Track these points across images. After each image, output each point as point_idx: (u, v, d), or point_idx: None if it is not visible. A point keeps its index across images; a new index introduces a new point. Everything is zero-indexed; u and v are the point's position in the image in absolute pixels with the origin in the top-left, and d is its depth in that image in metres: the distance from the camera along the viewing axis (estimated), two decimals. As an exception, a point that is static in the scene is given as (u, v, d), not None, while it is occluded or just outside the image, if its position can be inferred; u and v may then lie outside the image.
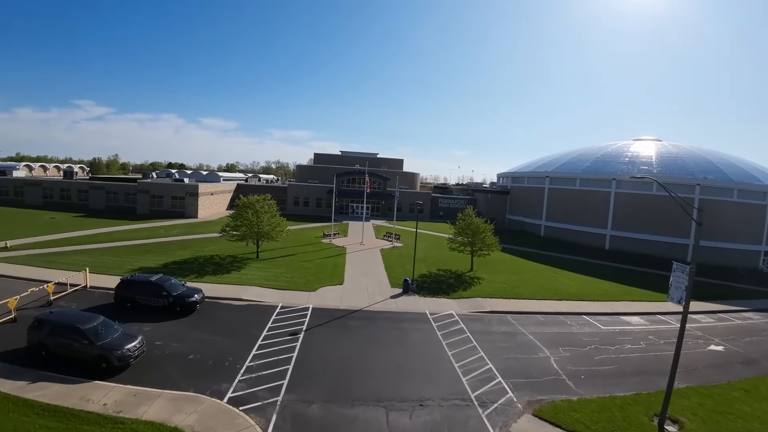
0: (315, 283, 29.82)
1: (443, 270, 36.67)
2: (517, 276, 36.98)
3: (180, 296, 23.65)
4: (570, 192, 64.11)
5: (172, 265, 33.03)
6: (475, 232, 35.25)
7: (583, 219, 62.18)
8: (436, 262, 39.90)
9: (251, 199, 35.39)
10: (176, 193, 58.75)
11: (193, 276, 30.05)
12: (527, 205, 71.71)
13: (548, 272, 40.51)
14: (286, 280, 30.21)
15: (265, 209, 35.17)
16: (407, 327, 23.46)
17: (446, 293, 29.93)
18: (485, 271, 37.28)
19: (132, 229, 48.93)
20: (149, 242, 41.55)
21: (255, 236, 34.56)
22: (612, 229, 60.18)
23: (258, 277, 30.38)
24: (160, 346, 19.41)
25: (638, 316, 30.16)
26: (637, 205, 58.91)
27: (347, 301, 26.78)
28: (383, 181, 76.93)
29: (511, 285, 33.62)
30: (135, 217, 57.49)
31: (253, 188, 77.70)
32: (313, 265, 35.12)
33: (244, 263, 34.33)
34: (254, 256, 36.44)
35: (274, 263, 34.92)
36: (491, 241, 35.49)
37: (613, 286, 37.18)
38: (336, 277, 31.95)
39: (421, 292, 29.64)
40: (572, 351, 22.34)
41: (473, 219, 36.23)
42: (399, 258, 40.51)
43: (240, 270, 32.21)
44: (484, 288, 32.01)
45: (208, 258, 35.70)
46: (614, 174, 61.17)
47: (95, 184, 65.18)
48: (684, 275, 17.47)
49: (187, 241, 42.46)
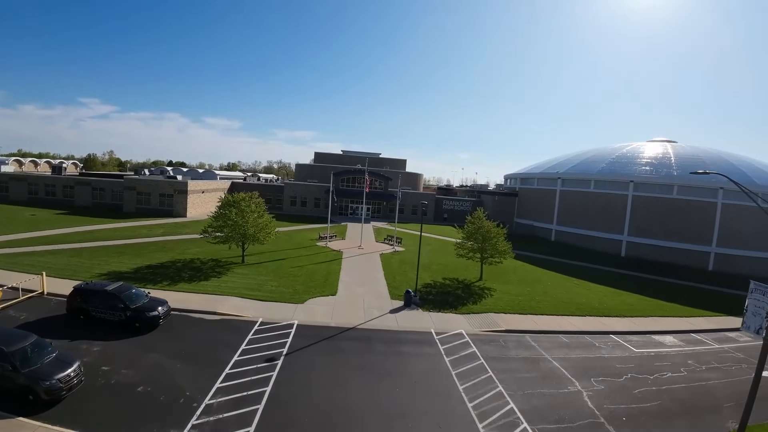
0: (304, 294, 26.05)
1: (450, 279, 32.85)
2: (531, 287, 33.13)
3: (140, 309, 19.98)
4: (584, 194, 60.18)
5: (146, 269, 29.42)
6: (485, 237, 31.39)
7: (598, 223, 58.27)
8: (441, 269, 36.10)
9: (236, 197, 31.67)
10: (164, 190, 55.15)
11: (166, 283, 26.41)
12: (537, 208, 67.79)
13: (565, 282, 36.69)
14: (271, 289, 26.46)
15: (252, 208, 31.41)
16: (409, 351, 19.62)
17: (454, 307, 26.12)
18: (496, 281, 33.45)
19: (113, 228, 45.36)
20: (127, 243, 37.94)
21: (240, 238, 30.83)
22: (629, 235, 56.26)
23: (239, 286, 26.66)
24: (105, 373, 15.75)
25: (671, 336, 26.48)
26: (657, 209, 55.01)
27: (339, 316, 22.99)
28: (385, 181, 73.17)
29: (526, 297, 29.79)
30: (121, 215, 53.96)
31: (249, 186, 74.04)
32: (304, 271, 31.34)
33: (227, 268, 30.62)
34: (239, 260, 32.72)
35: (260, 269, 31.17)
36: (504, 247, 31.62)
37: (637, 299, 33.45)
38: (328, 286, 28.17)
39: (426, 305, 25.84)
40: (606, 383, 18.56)
41: (484, 222, 32.39)
42: (400, 264, 36.72)
43: (220, 276, 28.50)
44: (497, 301, 28.18)
45: (187, 262, 32.02)
46: (632, 176, 57.27)
47: (81, 179, 61.75)
48: (766, 298, 13.61)
49: (168, 243, 38.82)
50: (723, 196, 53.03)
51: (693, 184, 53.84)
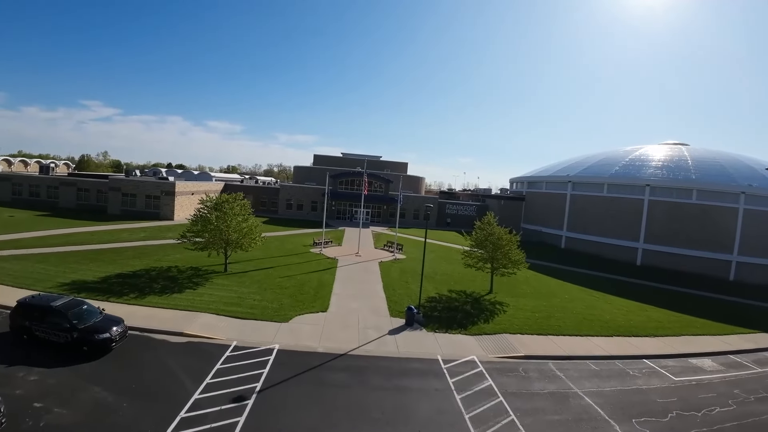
0: (290, 310, 22.62)
1: (456, 292, 29.41)
2: (548, 301, 29.70)
3: (89, 330, 16.70)
4: (596, 199, 56.78)
5: (115, 278, 26.13)
6: (496, 246, 27.98)
7: (611, 230, 54.85)
8: (446, 280, 32.67)
9: (218, 198, 28.34)
10: (151, 191, 51.86)
11: (133, 295, 23.09)
12: (546, 214, 64.35)
13: (582, 295, 33.28)
14: (252, 304, 23.03)
15: (236, 211, 28.06)
16: (412, 387, 16.13)
17: (463, 326, 22.66)
18: (508, 294, 30.04)
19: (92, 231, 42.14)
20: (103, 248, 34.67)
21: (222, 245, 27.49)
22: (645, 242, 52.83)
23: (217, 299, 23.27)
24: (36, 411, 12.48)
25: (709, 359, 23.34)
26: (675, 215, 51.67)
27: (329, 338, 19.55)
28: (385, 184, 69.87)
29: (543, 314, 26.37)
30: (105, 218, 50.74)
31: (243, 188, 70.83)
32: (292, 282, 27.91)
33: (206, 278, 27.25)
34: (222, 268, 29.35)
35: (243, 279, 27.77)
36: (517, 256, 28.20)
37: (663, 314, 30.18)
38: (319, 300, 24.73)
39: (430, 324, 22.39)
40: (650, 424, 15.25)
41: (494, 228, 29.01)
42: (401, 274, 33.30)
43: (197, 288, 25.13)
44: (511, 319, 24.75)
45: (163, 270, 28.71)
46: (648, 179, 53.95)
47: (66, 180, 58.64)
48: None
49: (148, 248, 35.51)
50: (745, 201, 49.76)
51: (713, 189, 50.58)
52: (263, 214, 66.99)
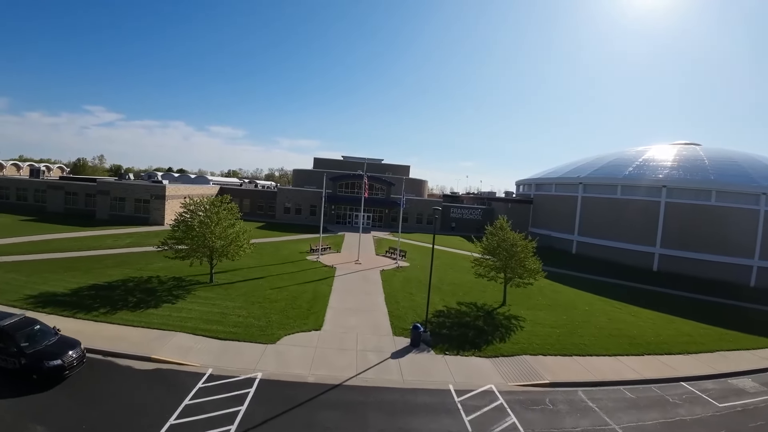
0: (279, 328, 19.87)
1: (466, 304, 26.63)
2: (567, 313, 26.91)
3: (38, 355, 14.13)
4: (609, 201, 54.00)
5: (87, 290, 23.55)
6: (510, 253, 25.22)
7: (625, 234, 52.04)
8: (454, 290, 29.89)
9: (202, 201, 25.69)
10: (140, 195, 49.31)
11: (104, 310, 20.47)
12: (555, 217, 61.56)
13: (603, 306, 30.50)
14: (236, 321, 20.28)
15: (221, 215, 25.39)
16: (421, 428, 13.33)
17: (476, 346, 19.86)
18: (523, 306, 27.29)
19: (76, 237, 39.63)
20: (83, 255, 32.15)
21: (206, 253, 24.80)
22: (662, 247, 49.99)
23: (196, 316, 20.57)
24: None
25: (748, 378, 20.91)
26: (692, 217, 48.88)
27: (322, 364, 16.79)
28: (387, 187, 67.24)
29: (565, 330, 23.58)
30: (92, 223, 48.24)
31: (239, 192, 68.47)
32: (284, 294, 25.17)
33: (188, 290, 24.58)
34: (207, 278, 26.69)
35: (230, 291, 25.06)
36: (534, 265, 25.42)
37: (691, 326, 27.59)
38: (313, 316, 21.95)
39: (439, 344, 19.58)
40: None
41: (508, 233, 26.27)
42: (405, 284, 30.52)
43: (176, 302, 22.45)
44: (530, 336, 21.95)
45: (142, 281, 26.09)
46: (664, 180, 51.18)
47: (54, 183, 56.23)
48: None
49: (131, 256, 32.94)
50: (766, 202, 46.95)
51: (732, 190, 47.87)
52: (260, 218, 64.45)
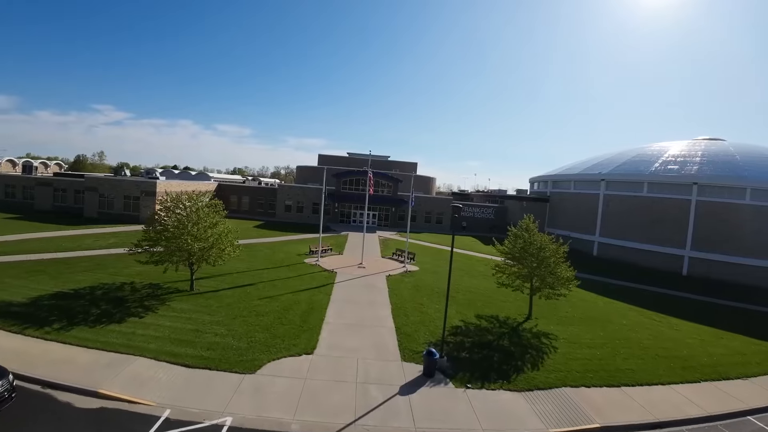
0: (262, 351, 16.27)
1: (486, 317, 22.86)
2: (603, 329, 23.06)
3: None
4: (634, 200, 49.84)
5: (49, 299, 20.26)
6: (539, 259, 21.42)
7: (652, 235, 47.90)
8: (471, 299, 26.14)
9: (179, 197, 22.14)
10: (130, 191, 46.14)
11: (57, 325, 17.13)
12: (574, 216, 57.45)
13: (640, 318, 26.64)
14: (211, 341, 16.73)
15: (201, 214, 21.88)
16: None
17: (504, 375, 16.11)
18: (551, 319, 23.51)
19: (56, 236, 36.58)
20: (57, 257, 29.00)
21: (184, 258, 21.31)
22: (692, 249, 45.80)
23: (164, 334, 17.08)
24: None
25: None
26: (725, 217, 44.69)
27: (311, 403, 13.09)
28: (394, 184, 63.56)
29: (606, 350, 19.77)
30: (79, 221, 45.20)
31: (237, 189, 65.21)
32: (274, 306, 21.55)
33: (164, 300, 21.14)
34: (188, 285, 23.25)
35: (211, 301, 21.54)
36: (567, 273, 21.58)
37: (741, 343, 23.79)
38: (305, 334, 18.29)
39: (459, 372, 15.87)
40: None
41: (535, 236, 22.49)
42: (414, 292, 26.78)
43: (145, 315, 19.01)
44: (567, 360, 18.16)
45: (113, 288, 22.73)
46: (695, 176, 46.93)
47: (42, 179, 53.36)
48: None
49: (109, 258, 29.70)
50: (811, 203, 42.73)
51: (767, 186, 43.66)
52: (260, 217, 61.16)
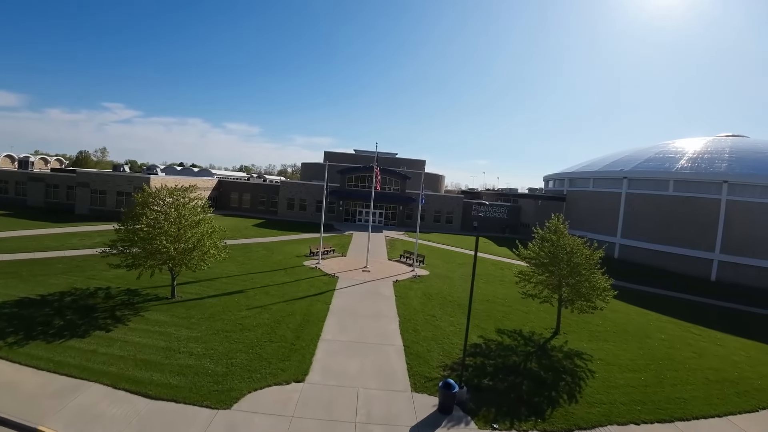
0: (242, 378, 13.41)
1: (508, 332, 19.86)
2: (641, 345, 19.96)
3: None
4: (659, 199, 46.44)
5: (11, 306, 17.86)
6: (572, 266, 18.40)
7: (678, 237, 44.51)
8: (489, 310, 23.11)
9: (155, 193, 19.44)
10: (122, 187, 43.77)
11: (13, 338, 14.67)
12: (593, 216, 54.08)
13: (679, 331, 23.51)
14: (182, 365, 13.96)
15: (181, 212, 19.17)
16: None
17: (537, 411, 13.14)
18: (581, 333, 20.51)
19: (41, 235, 34.26)
20: (34, 258, 26.61)
21: (161, 261, 18.64)
22: (722, 253, 42.35)
23: (129, 354, 14.39)
24: None
25: None
26: (758, 218, 41.22)
27: (300, 448, 10.41)
28: (402, 181, 60.65)
29: (650, 375, 16.70)
30: (69, 218, 43.01)
31: (238, 186, 62.74)
32: (264, 318, 18.75)
33: (138, 310, 18.52)
34: (169, 292, 20.61)
35: (192, 312, 18.82)
36: (603, 283, 18.53)
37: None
38: (296, 355, 15.38)
39: (482, 407, 12.95)
40: None
41: (566, 238, 19.47)
42: (425, 301, 23.77)
43: (113, 328, 16.36)
44: (608, 387, 15.14)
45: (85, 294, 20.20)
46: (726, 174, 43.45)
47: (34, 175, 51.31)
48: None
49: (89, 259, 27.13)
50: None
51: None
52: (261, 215, 58.64)
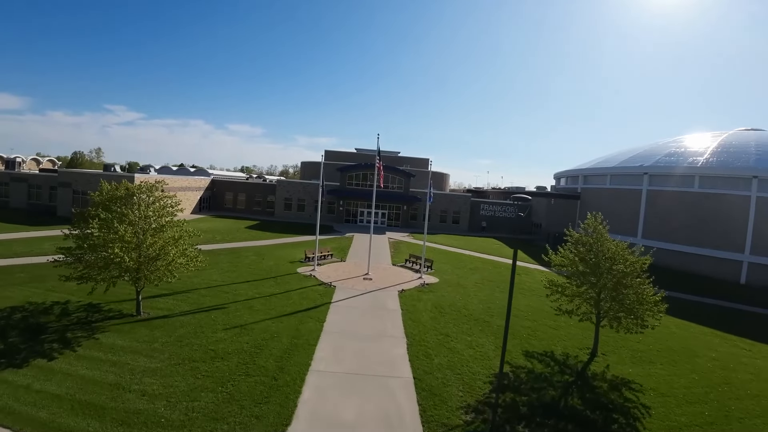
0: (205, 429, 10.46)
1: (538, 356, 16.56)
2: (692, 368, 16.75)
3: None
4: (684, 196, 43.13)
5: (-63, 330, 14.70)
6: (616, 276, 15.20)
7: (704, 237, 41.22)
8: (513, 326, 19.19)
9: (113, 192, 16.37)
10: (106, 187, 40.91)
11: None
12: (611, 216, 49.42)
13: (726, 346, 20.46)
14: (130, 408, 10.76)
15: (143, 213, 16.11)
16: None
17: (592, 472, 10.12)
18: (623, 354, 17.34)
19: (14, 239, 31.54)
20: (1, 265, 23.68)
21: (117, 274, 15.54)
22: (753, 254, 39.08)
23: (69, 392, 11.29)
24: None
25: None
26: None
27: None
28: (406, 180, 57.47)
29: (713, 406, 13.53)
30: (50, 221, 40.21)
31: (233, 185, 59.78)
32: (242, 343, 15.46)
33: (95, 330, 15.45)
34: (134, 309, 17.54)
35: (158, 332, 15.68)
36: (650, 297, 15.32)
37: None
38: (278, 394, 12.16)
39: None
40: None
41: (607, 242, 16.29)
42: (436, 316, 20.37)
43: (59, 356, 13.29)
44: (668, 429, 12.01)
45: (39, 309, 17.17)
46: (755, 170, 40.16)
47: (16, 175, 48.46)
48: None
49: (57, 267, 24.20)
50: None
51: None
52: (257, 216, 55.63)
